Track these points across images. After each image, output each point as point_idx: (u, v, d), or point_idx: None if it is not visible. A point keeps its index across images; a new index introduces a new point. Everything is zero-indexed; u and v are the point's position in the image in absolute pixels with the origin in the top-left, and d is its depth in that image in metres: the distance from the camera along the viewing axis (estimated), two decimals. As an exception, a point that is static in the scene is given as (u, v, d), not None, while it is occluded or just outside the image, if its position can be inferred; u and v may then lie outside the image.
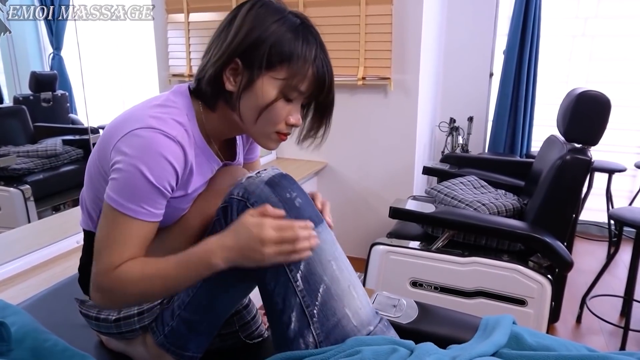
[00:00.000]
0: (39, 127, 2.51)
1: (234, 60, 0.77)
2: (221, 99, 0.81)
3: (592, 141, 1.66)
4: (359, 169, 2.68)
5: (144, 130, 0.72)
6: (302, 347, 0.75)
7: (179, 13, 2.77)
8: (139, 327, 0.86)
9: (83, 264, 0.94)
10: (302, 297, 0.75)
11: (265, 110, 0.78)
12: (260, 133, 0.82)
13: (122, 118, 0.77)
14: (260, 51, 0.75)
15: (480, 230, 1.69)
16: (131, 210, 0.73)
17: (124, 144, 0.73)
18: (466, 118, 3.02)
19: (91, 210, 0.87)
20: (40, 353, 0.77)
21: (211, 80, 0.79)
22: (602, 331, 2.13)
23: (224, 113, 0.83)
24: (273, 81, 0.77)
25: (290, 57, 0.76)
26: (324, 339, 0.75)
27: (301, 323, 0.75)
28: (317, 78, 0.79)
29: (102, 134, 0.81)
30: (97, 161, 0.81)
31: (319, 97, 0.83)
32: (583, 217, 3.08)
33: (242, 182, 0.78)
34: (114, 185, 0.73)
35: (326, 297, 0.75)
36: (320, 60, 0.79)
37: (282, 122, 0.80)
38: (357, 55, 2.43)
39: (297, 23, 0.78)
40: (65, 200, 2.34)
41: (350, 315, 0.76)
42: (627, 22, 2.93)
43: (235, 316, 0.95)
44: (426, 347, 0.72)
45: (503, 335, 0.76)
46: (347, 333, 0.75)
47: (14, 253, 1.43)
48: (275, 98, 0.77)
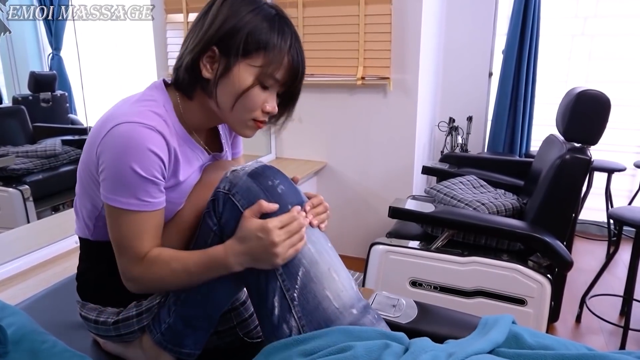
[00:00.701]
0: (38, 127, 2.50)
1: (211, 48, 0.79)
2: (198, 87, 0.83)
3: (592, 140, 1.66)
4: (358, 169, 2.68)
5: (122, 125, 0.74)
6: (286, 333, 0.75)
7: (178, 13, 2.77)
8: (137, 328, 0.86)
9: (81, 272, 0.94)
10: (282, 281, 0.76)
11: (241, 96, 0.80)
12: (236, 120, 0.84)
13: (101, 120, 0.79)
14: (237, 39, 0.77)
15: (480, 229, 1.69)
16: (132, 205, 0.75)
17: (106, 143, 0.74)
18: (465, 118, 3.02)
19: (86, 219, 0.87)
20: (38, 355, 0.77)
21: (188, 67, 0.81)
22: (602, 331, 2.13)
23: (201, 101, 0.84)
24: (249, 68, 0.79)
25: (267, 45, 0.78)
26: (307, 322, 0.75)
27: (283, 307, 0.75)
28: (292, 67, 0.81)
29: (87, 139, 0.82)
30: (85, 167, 0.82)
31: (291, 86, 0.85)
32: (582, 216, 3.07)
33: (227, 176, 0.79)
34: (107, 185, 0.75)
35: (305, 280, 0.76)
36: (295, 49, 0.81)
37: (258, 109, 0.82)
38: (357, 55, 2.43)
39: (272, 13, 0.80)
40: (64, 200, 2.33)
41: (331, 297, 0.76)
42: (627, 21, 2.93)
43: (233, 312, 0.94)
44: (422, 343, 0.71)
45: (501, 334, 0.76)
46: (329, 316, 0.75)
47: (13, 253, 1.43)
48: (251, 84, 0.79)
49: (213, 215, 0.79)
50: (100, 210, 0.84)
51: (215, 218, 0.79)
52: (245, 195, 0.77)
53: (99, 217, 0.85)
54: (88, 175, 0.81)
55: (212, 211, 0.79)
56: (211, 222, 0.80)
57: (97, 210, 0.85)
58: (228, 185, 0.78)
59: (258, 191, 0.77)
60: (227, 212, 0.78)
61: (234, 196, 0.77)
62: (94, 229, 0.87)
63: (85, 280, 0.93)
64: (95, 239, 0.89)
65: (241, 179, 0.78)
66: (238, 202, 0.77)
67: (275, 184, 0.78)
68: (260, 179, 0.78)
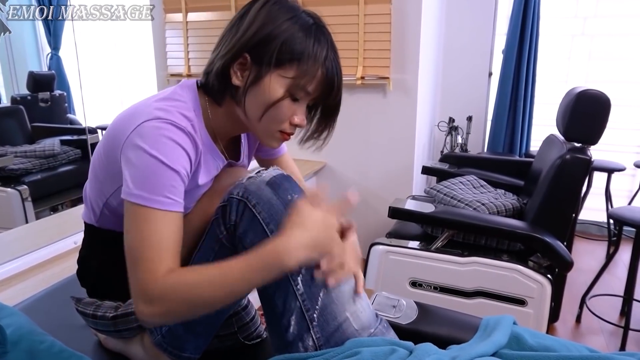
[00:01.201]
0: (36, 127, 2.50)
1: (243, 55, 0.76)
2: (227, 94, 0.80)
3: (592, 140, 1.65)
4: (358, 169, 2.67)
5: (152, 121, 0.72)
6: (301, 351, 0.74)
7: (177, 12, 2.76)
8: (136, 325, 0.85)
9: (82, 257, 0.93)
10: (302, 301, 0.73)
11: (270, 107, 0.77)
12: (263, 131, 0.81)
13: (127, 113, 0.77)
14: (271, 48, 0.75)
15: (480, 230, 1.69)
16: (157, 202, 0.69)
17: (134, 138, 0.71)
18: (465, 118, 3.01)
19: (94, 204, 0.87)
20: (37, 355, 0.76)
21: (218, 73, 0.78)
22: (602, 331, 2.13)
23: (229, 109, 0.82)
24: (281, 79, 0.76)
25: (301, 56, 0.75)
26: (325, 342, 0.73)
27: (300, 327, 0.73)
28: (326, 79, 0.78)
29: (108, 130, 0.80)
30: (103, 158, 0.80)
31: (326, 100, 0.81)
32: (582, 216, 3.07)
33: (243, 182, 0.76)
34: (132, 180, 0.70)
35: (326, 301, 0.74)
36: (330, 61, 0.77)
37: (287, 122, 0.79)
38: (356, 55, 2.43)
39: (309, 22, 0.77)
40: (63, 200, 2.33)
41: (352, 319, 0.75)
42: (627, 21, 2.93)
43: (234, 317, 0.94)
44: (425, 348, 0.71)
45: (503, 336, 0.75)
46: (348, 337, 0.74)
47: (11, 253, 1.42)
48: (281, 96, 0.76)
49: (221, 223, 0.76)
50: (107, 197, 0.83)
51: (223, 226, 0.76)
52: (267, 207, 0.74)
53: (106, 204, 0.84)
54: (104, 165, 0.80)
55: (221, 218, 0.77)
56: (218, 230, 0.77)
57: (104, 198, 0.84)
58: (243, 191, 0.75)
59: (279, 205, 0.74)
60: (245, 222, 0.74)
61: (254, 207, 0.74)
62: (100, 215, 0.86)
63: (86, 266, 0.92)
64: (100, 226, 0.88)
65: (259, 187, 0.75)
66: (259, 214, 0.74)
67: (294, 198, 0.76)
68: (279, 192, 0.75)
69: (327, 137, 0.88)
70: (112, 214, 0.85)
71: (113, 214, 0.85)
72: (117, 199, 0.82)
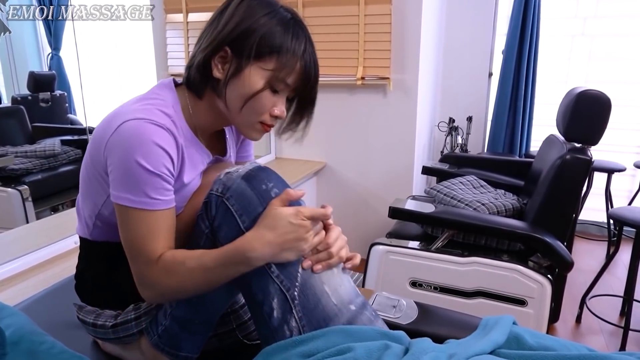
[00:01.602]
0: (37, 127, 2.50)
1: (224, 48, 0.79)
2: (209, 86, 0.83)
3: (592, 140, 1.66)
4: (358, 169, 2.68)
5: (130, 122, 0.73)
6: (286, 335, 0.73)
7: (177, 13, 2.76)
8: (136, 331, 0.85)
9: (80, 272, 0.94)
10: (280, 282, 0.74)
11: (251, 99, 0.79)
12: (244, 122, 0.84)
13: (108, 118, 0.78)
14: (250, 41, 0.77)
15: (480, 230, 1.69)
16: (143, 203, 0.73)
17: (114, 140, 0.73)
18: (465, 118, 3.02)
19: (87, 218, 0.87)
20: (37, 356, 0.76)
21: (200, 66, 0.81)
22: (602, 331, 2.13)
23: (210, 101, 0.84)
24: (261, 71, 0.78)
25: (280, 49, 0.77)
26: (307, 322, 0.73)
27: (284, 309, 0.73)
28: (304, 72, 0.80)
29: (91, 137, 0.81)
30: (90, 165, 0.81)
31: (303, 91, 0.84)
32: (582, 216, 3.07)
33: (221, 178, 0.78)
34: (117, 184, 0.74)
35: (305, 275, 0.75)
36: (308, 54, 0.80)
37: (267, 113, 0.82)
38: (356, 55, 2.43)
39: (287, 17, 0.80)
40: (63, 200, 2.33)
41: (330, 293, 0.75)
42: (627, 22, 2.93)
43: (232, 315, 0.94)
44: (422, 344, 0.70)
45: (501, 334, 0.75)
46: (328, 313, 0.74)
47: (12, 254, 1.42)
48: (261, 88, 0.79)
49: (205, 218, 0.78)
50: (99, 208, 0.84)
51: (207, 221, 0.78)
52: (240, 199, 0.75)
53: (98, 215, 0.85)
54: (92, 174, 0.81)
55: (205, 214, 0.78)
56: (203, 224, 0.78)
57: (96, 209, 0.84)
58: (221, 187, 0.76)
59: (251, 195, 0.75)
60: (220, 215, 0.76)
61: (227, 200, 0.75)
62: (93, 228, 0.87)
63: (83, 279, 0.93)
64: (93, 239, 0.89)
65: (235, 182, 0.76)
66: (232, 206, 0.75)
67: (269, 187, 0.76)
68: (254, 182, 0.76)
69: (305, 128, 0.90)
70: (105, 224, 0.86)
71: (106, 224, 0.86)
72: (108, 208, 0.83)
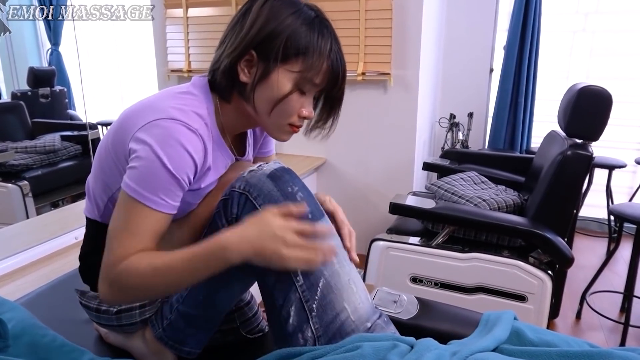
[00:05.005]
0: (37, 123, 2.50)
1: (249, 52, 0.77)
2: (235, 91, 0.82)
3: (593, 137, 1.65)
4: (358, 165, 2.67)
5: (165, 120, 0.73)
6: (300, 342, 0.74)
7: (177, 8, 2.75)
8: (139, 320, 0.85)
9: (85, 253, 0.93)
10: (302, 292, 0.74)
11: (279, 102, 0.78)
12: (273, 125, 0.83)
13: (141, 106, 0.77)
14: (276, 44, 0.76)
15: (481, 226, 1.69)
16: (149, 200, 0.72)
17: (144, 133, 0.72)
18: (466, 114, 3.01)
19: (98, 199, 0.86)
20: (38, 349, 0.77)
21: (226, 71, 0.79)
22: (602, 327, 2.13)
23: (238, 105, 0.83)
24: (288, 74, 0.77)
25: (306, 50, 0.76)
26: (322, 333, 0.74)
27: (300, 317, 0.74)
28: (331, 71, 0.79)
29: (117, 121, 0.80)
30: (110, 148, 0.80)
31: (331, 90, 0.83)
32: (583, 213, 3.07)
33: (244, 176, 0.77)
34: (133, 174, 0.73)
35: (325, 291, 0.74)
36: (335, 53, 0.79)
37: (295, 115, 0.81)
38: (357, 51, 2.42)
39: (312, 16, 0.78)
40: (63, 196, 2.33)
41: (349, 310, 0.75)
42: (628, 18, 2.92)
43: (237, 312, 0.94)
44: (426, 343, 0.71)
45: (504, 331, 0.76)
46: (345, 328, 0.74)
47: (13, 249, 1.43)
48: (290, 91, 0.78)
49: (223, 215, 0.77)
50: (113, 192, 0.82)
51: (224, 218, 0.77)
52: (267, 198, 0.74)
53: (111, 198, 0.83)
54: (110, 156, 0.80)
55: (222, 211, 0.77)
56: (220, 222, 0.77)
57: (110, 192, 0.83)
58: (244, 184, 0.76)
59: (278, 196, 0.75)
60: (245, 212, 0.75)
61: (255, 199, 0.75)
62: (104, 210, 0.86)
63: (89, 263, 0.92)
64: (103, 221, 0.87)
65: (260, 180, 0.76)
66: (260, 206, 0.74)
67: (295, 190, 0.76)
68: (279, 183, 0.76)
69: (332, 125, 0.90)
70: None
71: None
72: None
